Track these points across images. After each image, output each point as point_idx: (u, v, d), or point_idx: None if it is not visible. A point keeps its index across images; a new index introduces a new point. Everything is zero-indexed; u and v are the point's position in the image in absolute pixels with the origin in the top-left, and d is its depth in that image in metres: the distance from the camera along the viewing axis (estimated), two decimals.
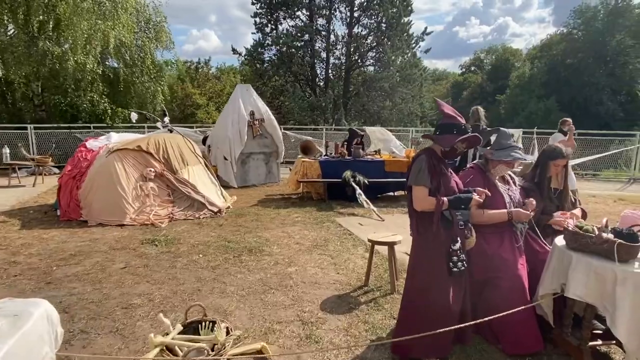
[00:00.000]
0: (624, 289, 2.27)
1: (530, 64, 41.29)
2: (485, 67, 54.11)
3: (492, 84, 47.62)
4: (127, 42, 11.37)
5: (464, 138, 2.57)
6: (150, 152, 6.35)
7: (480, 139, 2.70)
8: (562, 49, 36.40)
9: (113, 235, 5.33)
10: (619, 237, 2.41)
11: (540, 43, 42.86)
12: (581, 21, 35.02)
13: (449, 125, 2.62)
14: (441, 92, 56.64)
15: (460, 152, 2.67)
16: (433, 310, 2.59)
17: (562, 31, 37.69)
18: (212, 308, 3.38)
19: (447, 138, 2.59)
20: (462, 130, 2.59)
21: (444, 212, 2.55)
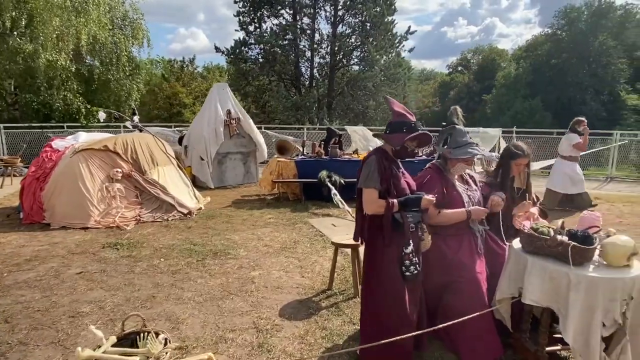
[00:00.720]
0: (576, 293, 2.19)
1: (515, 64, 41.76)
2: (472, 67, 54.60)
3: (478, 83, 48.05)
4: (101, 39, 11.08)
5: (414, 136, 2.48)
6: (117, 152, 6.15)
7: (430, 137, 2.61)
8: (546, 49, 36.86)
9: (74, 239, 5.13)
10: (573, 239, 2.33)
11: (525, 43, 43.33)
12: (565, 22, 35.51)
13: (399, 124, 2.52)
14: (428, 92, 56.98)
15: (412, 151, 2.57)
16: (390, 317, 2.48)
17: (547, 32, 38.17)
18: (164, 316, 3.23)
19: (397, 137, 2.49)
20: (412, 128, 2.49)
21: (395, 214, 2.45)
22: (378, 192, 2.45)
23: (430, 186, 2.92)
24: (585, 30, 33.74)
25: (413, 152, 2.59)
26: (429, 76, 65.24)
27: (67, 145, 6.51)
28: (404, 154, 2.55)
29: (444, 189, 2.91)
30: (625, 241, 2.28)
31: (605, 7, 33.66)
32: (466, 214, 2.79)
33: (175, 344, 2.53)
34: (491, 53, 51.61)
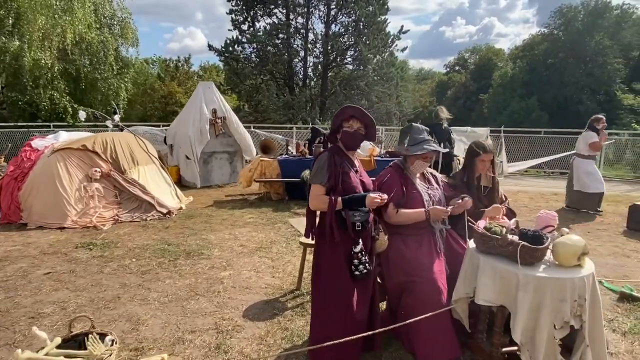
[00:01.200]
0: (524, 293, 2.17)
1: (512, 64, 41.76)
2: (469, 66, 54.63)
3: (475, 83, 48.09)
4: (87, 38, 11.01)
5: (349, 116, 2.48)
6: (96, 151, 6.11)
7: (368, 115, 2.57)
8: (543, 49, 36.86)
9: (49, 239, 5.09)
10: (523, 239, 2.30)
11: (522, 43, 43.35)
12: (562, 21, 35.48)
13: (335, 116, 2.53)
14: (426, 92, 57.01)
15: (358, 133, 2.51)
16: (337, 316, 2.46)
17: (544, 31, 38.17)
18: (126, 317, 3.20)
19: (333, 126, 2.50)
20: (344, 109, 2.51)
21: (342, 212, 2.43)
22: (325, 189, 2.43)
23: (389, 185, 2.89)
24: (581, 29, 33.74)
25: (358, 134, 2.52)
26: (426, 76, 65.28)
27: (47, 144, 6.47)
28: (349, 138, 2.50)
29: (404, 188, 2.88)
30: (576, 241, 2.25)
31: (602, 7, 33.65)
32: (425, 214, 2.76)
33: (117, 346, 2.48)
34: (488, 53, 51.67)
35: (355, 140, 2.56)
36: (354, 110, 2.52)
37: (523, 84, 36.95)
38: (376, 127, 2.66)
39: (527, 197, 8.09)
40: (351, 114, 2.51)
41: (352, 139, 2.53)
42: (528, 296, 2.16)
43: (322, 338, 2.40)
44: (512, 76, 39.28)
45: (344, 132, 2.49)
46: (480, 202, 3.20)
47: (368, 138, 2.66)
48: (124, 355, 2.70)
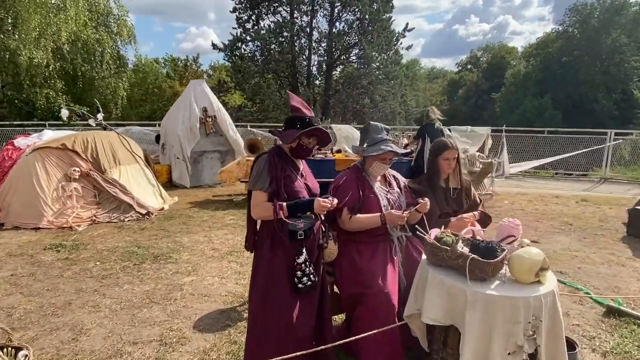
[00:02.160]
0: (473, 312, 1.92)
1: (525, 62, 40.90)
2: (481, 65, 53.76)
3: (487, 82, 47.31)
4: (83, 36, 10.99)
5: (309, 133, 2.24)
6: (75, 150, 6.00)
7: (329, 134, 2.37)
8: (557, 47, 36.00)
9: (20, 240, 4.99)
10: (475, 251, 2.05)
11: (536, 41, 42.40)
12: (577, 19, 34.56)
13: (293, 119, 2.28)
14: (437, 91, 56.30)
15: (309, 148, 2.32)
16: (275, 334, 2.24)
17: (558, 29, 37.25)
18: (70, 325, 3.04)
19: (290, 133, 2.25)
20: (307, 123, 2.24)
21: (286, 219, 2.21)
22: (267, 195, 2.22)
23: (344, 188, 2.68)
24: (597, 27, 32.80)
25: (310, 150, 2.34)
26: (438, 74, 64.47)
27: (29, 143, 6.39)
28: (301, 151, 2.31)
29: (360, 191, 2.66)
30: (533, 254, 1.99)
31: (619, 4, 32.64)
32: (380, 218, 2.53)
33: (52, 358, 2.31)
34: (501, 51, 50.77)
35: (307, 154, 2.37)
36: (318, 132, 2.29)
37: (536, 82, 36.16)
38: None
39: (526, 200, 7.74)
40: (314, 134, 2.29)
41: (305, 153, 2.33)
42: (476, 316, 1.91)
43: (257, 355, 2.21)
44: (525, 75, 38.51)
45: (300, 145, 2.27)
46: (447, 205, 2.95)
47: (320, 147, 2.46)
48: None
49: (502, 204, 7.38)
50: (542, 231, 5.65)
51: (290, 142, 2.27)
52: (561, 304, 3.39)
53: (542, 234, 5.53)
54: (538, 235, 5.46)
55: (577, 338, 2.94)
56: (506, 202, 7.49)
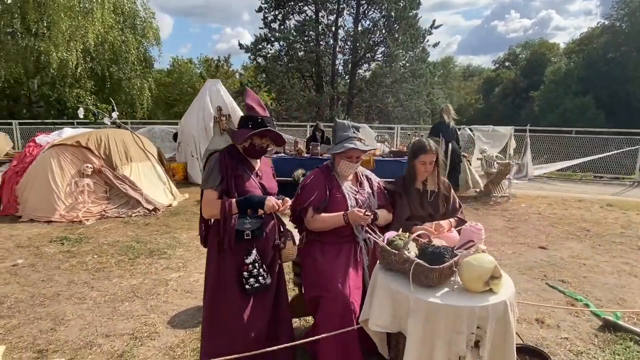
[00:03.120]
0: (415, 320, 1.82)
1: (567, 59, 38.92)
2: (520, 62, 51.69)
3: (526, 79, 45.52)
4: (109, 38, 11.47)
5: (260, 133, 2.20)
6: (89, 147, 6.24)
7: (281, 135, 2.32)
8: (603, 42, 34.03)
9: (31, 232, 5.25)
10: (421, 256, 1.95)
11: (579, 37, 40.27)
12: (625, 12, 32.48)
13: (246, 119, 2.25)
14: (472, 89, 54.66)
15: (262, 148, 2.28)
16: (228, 332, 2.23)
17: (604, 23, 35.16)
18: (52, 316, 3.15)
19: (242, 133, 2.22)
20: (259, 123, 2.21)
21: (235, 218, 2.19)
22: (218, 193, 2.20)
23: (310, 187, 2.65)
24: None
25: (263, 150, 2.31)
26: (474, 72, 62.53)
27: (49, 140, 6.71)
28: (254, 152, 2.28)
29: (327, 191, 2.60)
30: (483, 262, 1.87)
31: None
32: (343, 217, 2.46)
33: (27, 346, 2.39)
34: (541, 47, 48.58)
35: (261, 154, 2.34)
36: (272, 134, 2.26)
37: (578, 80, 34.35)
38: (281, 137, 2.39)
39: (546, 203, 7.34)
40: (265, 135, 2.26)
41: (258, 153, 2.31)
42: (419, 324, 1.81)
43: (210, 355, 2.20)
44: (566, 72, 36.68)
45: (253, 145, 2.25)
46: (421, 208, 2.81)
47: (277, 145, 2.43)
48: (24, 357, 2.64)
49: (518, 207, 7.04)
50: (554, 237, 5.34)
51: (241, 142, 2.24)
52: (555, 315, 3.20)
53: (553, 239, 5.22)
54: (549, 240, 5.17)
55: (563, 352, 2.76)
56: (523, 206, 7.14)
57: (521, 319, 3.17)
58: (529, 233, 5.49)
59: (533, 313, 3.25)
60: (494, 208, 6.94)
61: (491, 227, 5.71)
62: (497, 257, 4.37)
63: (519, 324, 3.10)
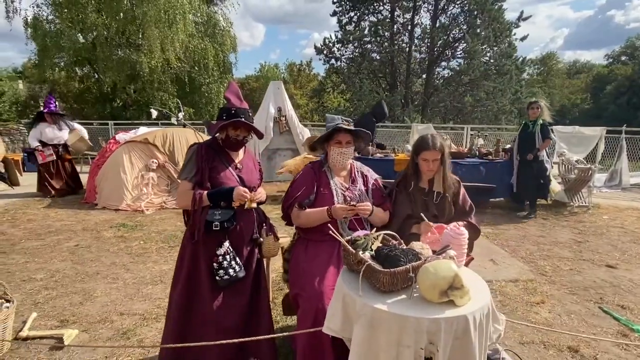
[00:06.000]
0: (359, 328, 1.67)
1: None
2: (639, 56, 45.07)
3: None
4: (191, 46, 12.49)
5: (234, 124, 2.21)
6: (155, 144, 6.86)
7: (251, 126, 2.28)
8: None
9: (99, 218, 5.92)
10: (376, 258, 1.77)
11: None
12: None
13: (222, 110, 2.28)
14: (578, 87, 49.04)
15: (240, 141, 2.28)
16: (193, 326, 2.26)
17: None
18: (85, 291, 3.51)
19: (216, 124, 2.25)
20: (232, 115, 2.21)
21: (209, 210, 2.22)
22: (192, 185, 2.25)
23: (298, 183, 2.61)
24: None
25: (240, 142, 2.31)
26: (581, 69, 55.94)
27: (127, 138, 7.53)
28: (230, 143, 2.30)
29: (315, 187, 2.53)
30: (442, 269, 1.63)
31: None
32: (327, 213, 2.38)
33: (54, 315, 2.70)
34: None
35: (238, 146, 2.35)
36: (242, 125, 2.28)
37: None
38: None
39: (636, 216, 6.24)
40: (240, 126, 2.28)
41: (236, 145, 2.32)
42: (361, 332, 1.65)
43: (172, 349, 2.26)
44: None
45: (230, 138, 2.28)
46: (426, 210, 2.58)
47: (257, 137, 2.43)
48: (49, 324, 2.97)
49: (597, 219, 6.10)
50: (631, 255, 4.51)
51: (214, 133, 2.27)
52: (596, 345, 2.71)
53: (628, 258, 4.42)
54: (622, 259, 4.39)
55: None
56: (605, 217, 6.16)
57: (550, 344, 2.73)
58: (601, 249, 4.72)
59: (568, 339, 2.78)
60: (566, 219, 6.10)
61: (553, 240, 5.04)
62: (546, 273, 3.87)
63: (545, 349, 2.68)
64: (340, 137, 2.46)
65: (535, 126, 5.97)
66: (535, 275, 3.93)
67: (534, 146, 5.95)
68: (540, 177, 6.10)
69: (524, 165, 6.08)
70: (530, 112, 6.09)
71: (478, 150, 7.11)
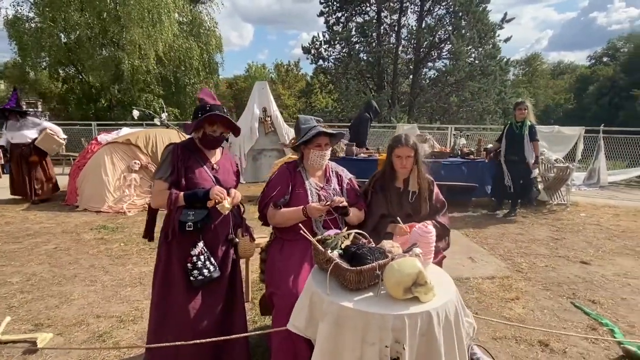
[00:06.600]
0: (324, 325, 1.69)
1: None
2: (620, 57, 45.95)
3: (627, 76, 40.39)
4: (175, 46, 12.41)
5: (210, 119, 2.22)
6: (138, 145, 6.80)
7: (226, 119, 2.28)
8: None
9: (80, 220, 5.84)
10: (343, 256, 1.80)
11: None
12: None
13: (196, 109, 2.29)
14: (562, 87, 49.87)
15: (218, 138, 2.28)
16: (171, 323, 2.26)
17: None
18: (62, 294, 3.47)
19: (193, 123, 2.26)
20: (207, 111, 2.23)
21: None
22: (167, 184, 2.26)
23: (273, 183, 2.63)
24: None
25: (218, 139, 2.30)
26: (565, 70, 56.87)
27: (109, 139, 7.44)
28: (207, 141, 2.30)
29: (290, 187, 2.55)
30: (406, 266, 1.67)
31: None
32: (302, 211, 2.40)
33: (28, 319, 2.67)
34: None
35: (217, 144, 2.35)
36: (219, 118, 2.28)
37: None
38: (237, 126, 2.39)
39: (611, 214, 6.40)
40: (216, 121, 2.29)
41: (214, 142, 2.33)
42: (327, 330, 1.68)
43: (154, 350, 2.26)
44: None
45: (207, 135, 2.28)
46: (401, 209, 2.63)
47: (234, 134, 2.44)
48: (22, 328, 2.94)
49: (575, 216, 6.24)
50: (605, 251, 4.63)
51: (191, 131, 2.28)
52: (567, 340, 2.78)
53: (602, 254, 4.54)
54: (596, 255, 4.50)
55: None
56: (582, 215, 6.30)
57: (522, 339, 2.80)
58: (576, 246, 4.83)
59: (539, 334, 2.84)
60: (545, 217, 6.22)
61: (531, 238, 5.14)
62: (522, 270, 3.95)
63: (516, 344, 2.74)
64: (320, 140, 2.48)
65: (523, 128, 5.92)
66: (512, 272, 4.01)
67: (522, 148, 5.88)
68: (524, 178, 6.10)
69: (509, 165, 6.10)
70: (518, 113, 6.03)
71: (460, 150, 7.20)
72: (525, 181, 6.13)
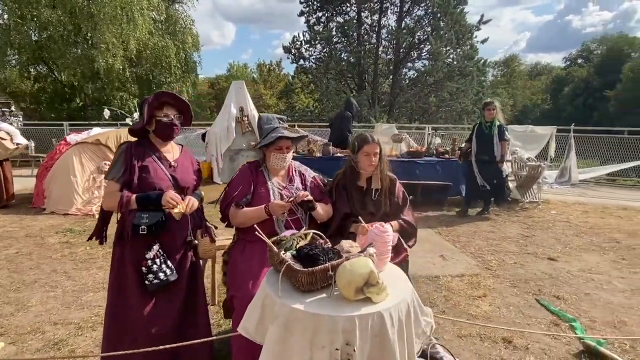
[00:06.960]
0: (273, 328, 1.64)
1: None
2: (594, 59, 47.28)
3: (600, 78, 41.61)
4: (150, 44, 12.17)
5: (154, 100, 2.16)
6: (108, 145, 6.62)
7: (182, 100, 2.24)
8: None
9: (46, 223, 5.65)
10: (297, 258, 1.76)
11: None
12: None
13: (141, 104, 2.23)
14: (539, 88, 51.02)
15: (172, 123, 2.21)
16: (125, 328, 2.18)
17: None
18: (19, 301, 3.34)
19: (145, 113, 2.18)
20: (155, 96, 2.18)
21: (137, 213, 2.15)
22: (120, 185, 2.17)
23: (235, 183, 2.57)
24: None
25: (172, 125, 2.21)
26: (542, 71, 58.22)
27: (78, 139, 7.22)
28: (162, 129, 2.21)
29: (252, 186, 2.50)
30: (357, 266, 1.64)
31: None
32: (264, 210, 2.35)
33: None
34: (619, 42, 44.05)
35: (170, 130, 2.26)
36: (167, 96, 2.22)
37: None
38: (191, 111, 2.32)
39: (581, 211, 6.55)
40: (164, 101, 2.22)
41: (168, 129, 2.24)
42: (276, 333, 1.63)
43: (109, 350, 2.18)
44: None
45: (158, 122, 2.21)
46: (364, 208, 2.62)
47: (184, 124, 2.35)
48: None
49: (546, 214, 6.35)
50: (573, 247, 4.73)
51: (144, 122, 2.19)
52: (529, 336, 2.80)
53: (570, 250, 4.62)
54: (565, 252, 4.58)
55: None
56: (553, 212, 6.43)
57: (486, 336, 2.81)
58: (545, 243, 4.91)
59: (503, 331, 2.86)
60: (517, 214, 6.32)
61: (502, 235, 5.20)
62: (491, 268, 3.98)
63: (480, 341, 2.75)
64: (281, 143, 2.43)
65: (493, 128, 5.95)
66: (481, 270, 4.04)
67: (491, 147, 5.90)
68: (496, 178, 6.13)
69: (480, 165, 6.12)
70: (487, 113, 6.05)
71: (435, 149, 7.26)
72: (499, 180, 6.19)
